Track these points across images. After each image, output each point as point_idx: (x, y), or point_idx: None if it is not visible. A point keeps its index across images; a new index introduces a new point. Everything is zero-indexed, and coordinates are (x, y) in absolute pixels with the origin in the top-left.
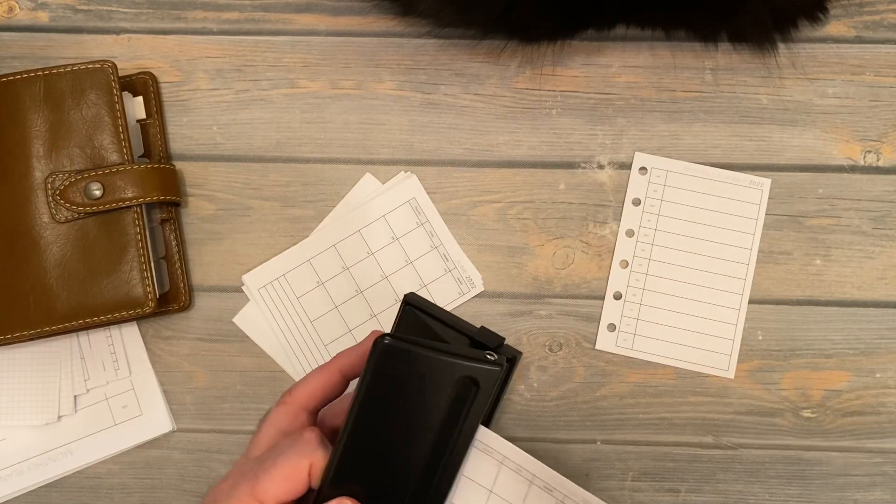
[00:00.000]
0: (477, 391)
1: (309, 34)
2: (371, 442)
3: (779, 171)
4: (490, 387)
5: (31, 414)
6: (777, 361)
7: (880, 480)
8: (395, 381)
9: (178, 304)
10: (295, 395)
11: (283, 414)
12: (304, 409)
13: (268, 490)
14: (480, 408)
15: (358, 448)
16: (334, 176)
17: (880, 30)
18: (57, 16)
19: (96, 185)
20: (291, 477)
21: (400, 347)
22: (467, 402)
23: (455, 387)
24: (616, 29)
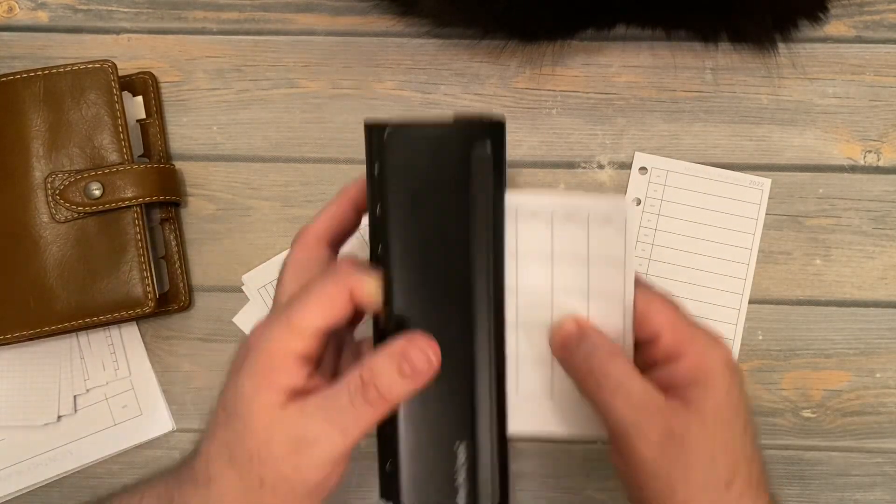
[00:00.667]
0: (491, 155)
1: (309, 34)
2: (413, 251)
3: (779, 171)
4: (500, 145)
5: (31, 414)
6: (777, 361)
7: (880, 480)
8: (411, 172)
9: (178, 304)
10: (309, 230)
11: (302, 251)
12: (322, 243)
13: (304, 318)
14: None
15: (402, 259)
16: (334, 176)
17: (881, 30)
18: (57, 16)
19: (96, 185)
20: (329, 304)
21: (403, 129)
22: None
23: (471, 158)
24: (616, 29)
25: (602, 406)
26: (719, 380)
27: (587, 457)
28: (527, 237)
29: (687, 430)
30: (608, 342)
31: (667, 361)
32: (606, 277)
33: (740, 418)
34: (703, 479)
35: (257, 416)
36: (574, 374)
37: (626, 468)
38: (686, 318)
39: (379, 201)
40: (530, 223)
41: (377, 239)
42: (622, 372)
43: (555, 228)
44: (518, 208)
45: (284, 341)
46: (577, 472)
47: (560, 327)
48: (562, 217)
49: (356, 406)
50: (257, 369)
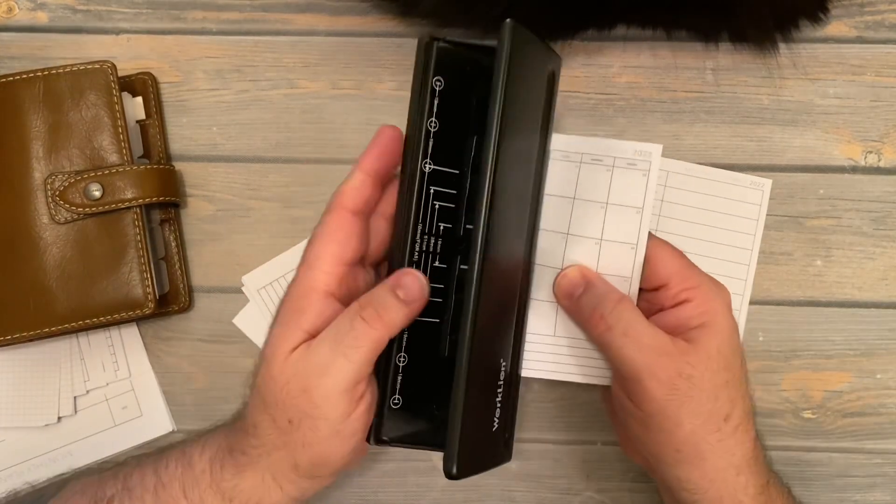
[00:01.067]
0: (556, 82)
1: (309, 34)
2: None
3: (780, 172)
4: (558, 73)
5: (31, 415)
6: (777, 362)
7: (881, 481)
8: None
9: (178, 305)
10: (337, 199)
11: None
12: (352, 215)
13: (318, 253)
14: (554, 102)
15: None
16: (334, 176)
17: (881, 30)
18: (56, 16)
19: (96, 186)
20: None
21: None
22: (552, 97)
23: (547, 81)
24: (616, 29)
25: (611, 351)
26: (723, 322)
27: (587, 458)
28: (555, 177)
29: (694, 369)
30: (614, 290)
31: (675, 306)
32: (622, 223)
33: (738, 357)
34: (707, 413)
35: (274, 360)
36: (580, 322)
37: (632, 409)
38: (692, 265)
39: (435, 116)
40: (561, 164)
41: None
42: (630, 318)
43: (581, 171)
44: (553, 149)
45: (305, 280)
46: (577, 473)
47: (564, 277)
48: (590, 160)
49: (355, 326)
50: (284, 316)
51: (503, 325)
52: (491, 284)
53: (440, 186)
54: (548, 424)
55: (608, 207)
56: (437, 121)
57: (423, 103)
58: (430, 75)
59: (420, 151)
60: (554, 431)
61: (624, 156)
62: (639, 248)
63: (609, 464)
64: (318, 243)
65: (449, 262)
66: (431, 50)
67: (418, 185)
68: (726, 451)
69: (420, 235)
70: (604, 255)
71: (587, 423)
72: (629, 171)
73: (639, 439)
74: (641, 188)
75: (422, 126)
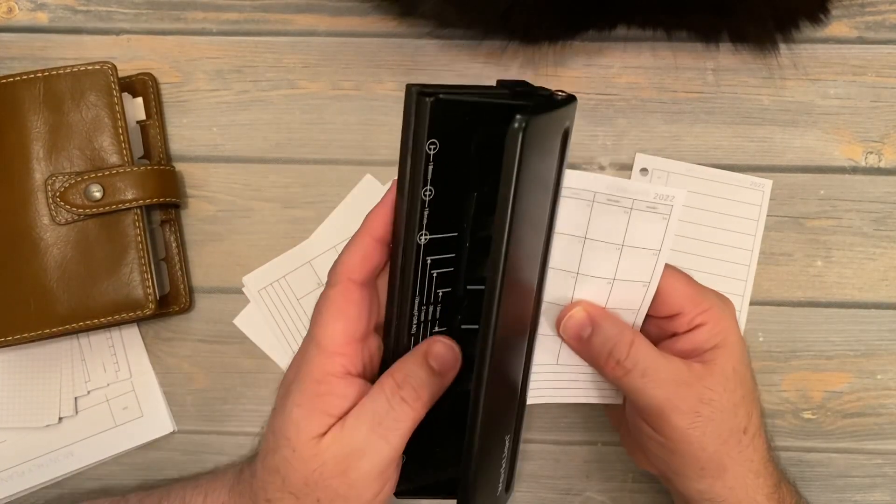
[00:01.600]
0: (569, 134)
1: (309, 35)
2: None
3: (780, 173)
4: (572, 125)
5: (32, 415)
6: (778, 363)
7: (881, 482)
8: (532, 166)
9: (179, 306)
10: (341, 271)
11: (337, 293)
12: (354, 283)
13: (329, 336)
14: (566, 155)
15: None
16: (335, 177)
17: (882, 30)
18: (56, 16)
19: (96, 187)
20: (346, 313)
21: (535, 121)
22: (565, 154)
23: (561, 141)
24: (617, 30)
25: (631, 390)
26: (734, 339)
27: (587, 458)
28: (564, 215)
29: (713, 392)
30: (624, 328)
31: (689, 331)
32: (636, 263)
33: (749, 370)
34: (728, 430)
35: (306, 443)
36: (593, 363)
37: (654, 435)
38: (699, 287)
39: (430, 184)
40: (571, 202)
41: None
42: (646, 356)
43: (594, 210)
44: (563, 186)
45: (320, 364)
46: (578, 473)
47: (570, 318)
48: (604, 200)
49: (395, 408)
50: (303, 398)
51: (507, 408)
52: (496, 374)
53: (438, 254)
54: (548, 425)
55: (623, 249)
56: (432, 188)
57: (417, 172)
58: (423, 140)
59: (415, 224)
60: (554, 432)
61: (644, 199)
62: (651, 285)
63: (609, 464)
64: (327, 321)
65: (449, 324)
66: (423, 109)
67: (414, 259)
68: (746, 460)
69: (418, 308)
70: (614, 292)
71: (587, 424)
72: (648, 213)
73: (660, 459)
74: (660, 232)
75: (415, 196)
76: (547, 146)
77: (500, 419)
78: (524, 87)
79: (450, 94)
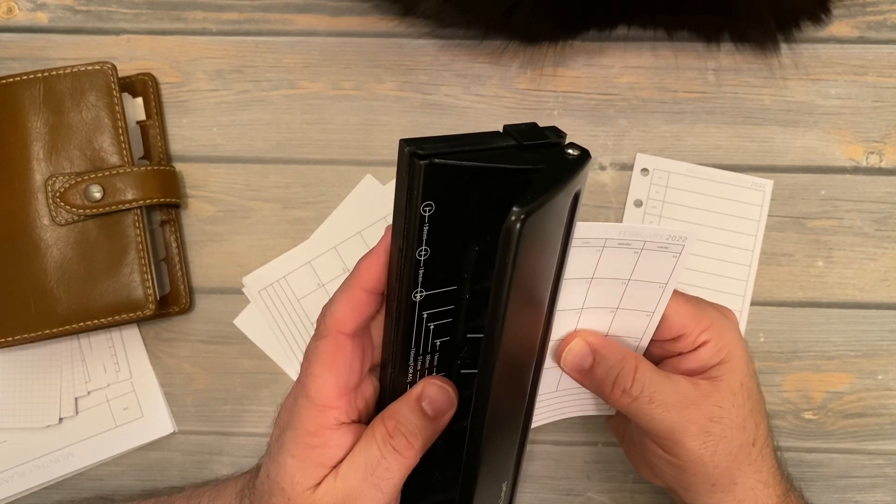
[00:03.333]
0: (579, 197)
1: (309, 35)
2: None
3: (781, 173)
4: (585, 182)
5: (33, 416)
6: (779, 363)
7: (881, 482)
8: (531, 251)
9: (179, 307)
10: (331, 323)
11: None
12: (344, 335)
13: (321, 389)
14: (578, 211)
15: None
16: (335, 177)
17: (883, 30)
18: (56, 17)
19: (96, 188)
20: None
21: (537, 208)
22: (575, 213)
23: (569, 209)
24: (618, 29)
25: (640, 416)
26: (739, 353)
27: (588, 459)
28: (573, 263)
29: (722, 409)
30: (626, 355)
31: (693, 350)
32: (641, 296)
33: (755, 382)
34: (739, 445)
35: (300, 494)
36: (598, 392)
37: (664, 456)
38: (700, 306)
39: (425, 244)
40: (581, 250)
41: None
42: (652, 382)
43: (603, 254)
44: (573, 237)
45: (312, 416)
46: (578, 473)
47: (569, 352)
48: (615, 244)
49: (387, 457)
50: (297, 448)
51: (507, 453)
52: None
53: (435, 308)
54: (549, 425)
55: (630, 283)
56: (427, 248)
57: (411, 234)
58: (417, 203)
59: (410, 283)
60: (555, 432)
61: (655, 240)
62: (655, 315)
63: (610, 465)
64: (317, 374)
65: (448, 369)
66: (417, 173)
67: (409, 315)
68: (755, 471)
69: (414, 358)
70: (617, 320)
71: (588, 424)
72: (659, 253)
73: (669, 476)
74: (669, 268)
75: (410, 256)
76: (551, 227)
77: (497, 467)
78: (532, 134)
79: (446, 158)
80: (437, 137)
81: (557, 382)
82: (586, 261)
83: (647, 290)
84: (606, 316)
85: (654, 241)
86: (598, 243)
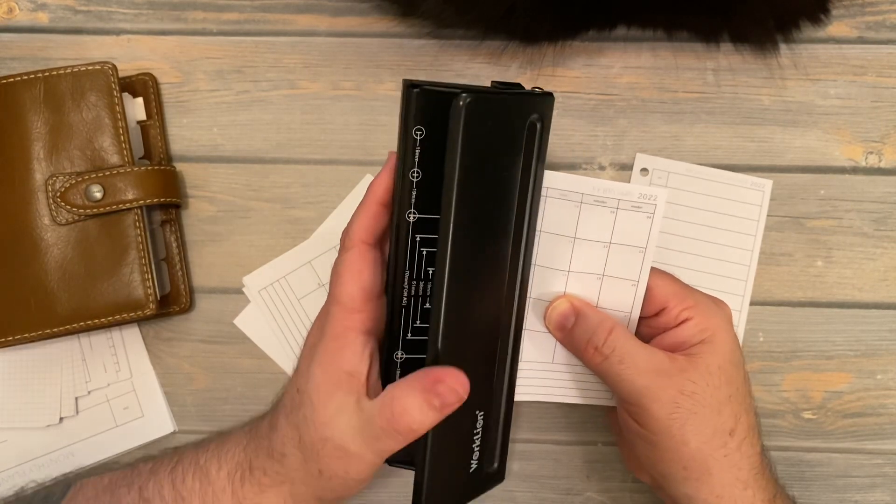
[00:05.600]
0: (540, 129)
1: (309, 35)
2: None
3: (780, 173)
4: (548, 120)
5: (33, 416)
6: (778, 363)
7: (881, 482)
8: (481, 143)
9: (179, 306)
10: (353, 235)
11: (352, 255)
12: (366, 245)
13: (346, 291)
14: (544, 148)
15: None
16: (335, 177)
17: (883, 30)
18: (56, 17)
19: (97, 187)
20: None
21: (481, 100)
22: (534, 146)
23: (527, 130)
24: (617, 30)
25: (610, 377)
26: (723, 337)
27: (587, 458)
28: (553, 216)
29: (696, 385)
30: (605, 318)
31: (675, 326)
32: (625, 261)
33: (740, 371)
34: (712, 428)
35: (322, 410)
36: (576, 352)
37: (638, 429)
38: (685, 286)
39: (417, 166)
40: (559, 203)
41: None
42: (624, 344)
43: (582, 211)
44: (549, 188)
45: (342, 320)
46: (578, 473)
47: (554, 309)
48: (591, 201)
49: (388, 435)
50: (325, 356)
51: (478, 378)
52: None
53: (426, 233)
54: (548, 425)
55: (611, 247)
56: (419, 170)
57: (406, 154)
58: (410, 126)
59: (405, 202)
60: (554, 432)
61: (628, 198)
62: (640, 284)
63: (609, 464)
64: (346, 281)
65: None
66: (410, 98)
67: (404, 235)
68: (733, 466)
69: (408, 281)
70: (605, 289)
71: (587, 424)
72: (634, 213)
73: (646, 458)
74: (646, 230)
75: (405, 176)
76: (502, 130)
77: (462, 426)
78: (514, 85)
79: (434, 86)
80: (436, 81)
81: (553, 353)
82: (567, 216)
83: (628, 254)
84: (594, 283)
85: (627, 199)
86: (576, 198)
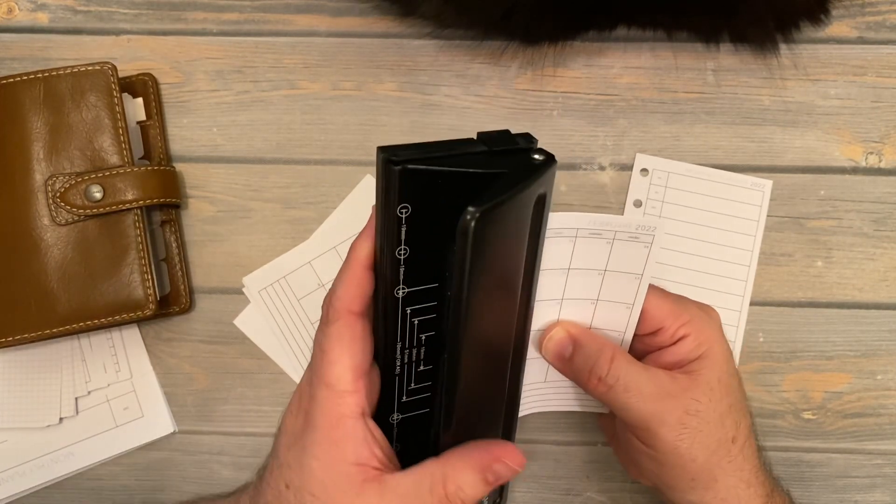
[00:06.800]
0: (546, 199)
1: (309, 35)
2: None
3: (780, 173)
4: (552, 186)
5: (33, 416)
6: (778, 363)
7: (880, 482)
8: (490, 248)
9: (179, 307)
10: (338, 305)
11: (338, 326)
12: (352, 315)
13: (336, 373)
14: (547, 212)
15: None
16: (335, 177)
17: (883, 30)
18: (56, 17)
19: (96, 188)
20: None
21: (490, 211)
22: (542, 217)
23: (534, 208)
24: (617, 30)
25: (616, 405)
26: (719, 349)
27: (587, 458)
28: (547, 253)
29: (699, 403)
30: (605, 345)
31: (672, 344)
32: (620, 287)
33: (735, 379)
34: (717, 441)
35: (334, 498)
36: (577, 381)
37: (643, 448)
38: (679, 302)
39: (404, 244)
40: (554, 241)
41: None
42: (628, 372)
43: (577, 244)
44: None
45: (332, 406)
46: (578, 473)
47: (550, 340)
48: (587, 234)
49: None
50: (321, 450)
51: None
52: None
53: (419, 303)
54: (548, 425)
55: (606, 273)
56: (406, 247)
57: (390, 234)
58: (394, 205)
59: (392, 280)
60: (554, 432)
61: (626, 230)
62: (635, 307)
63: (609, 464)
64: (334, 360)
65: (434, 362)
66: (392, 177)
67: (393, 310)
68: (737, 469)
69: (401, 351)
70: (598, 313)
71: (587, 424)
72: (631, 243)
73: (651, 471)
74: (642, 259)
75: (391, 254)
76: (511, 225)
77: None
78: (502, 140)
79: (417, 163)
80: (411, 145)
81: (545, 374)
82: (561, 251)
83: (623, 281)
84: (588, 308)
85: (624, 230)
86: (571, 233)
